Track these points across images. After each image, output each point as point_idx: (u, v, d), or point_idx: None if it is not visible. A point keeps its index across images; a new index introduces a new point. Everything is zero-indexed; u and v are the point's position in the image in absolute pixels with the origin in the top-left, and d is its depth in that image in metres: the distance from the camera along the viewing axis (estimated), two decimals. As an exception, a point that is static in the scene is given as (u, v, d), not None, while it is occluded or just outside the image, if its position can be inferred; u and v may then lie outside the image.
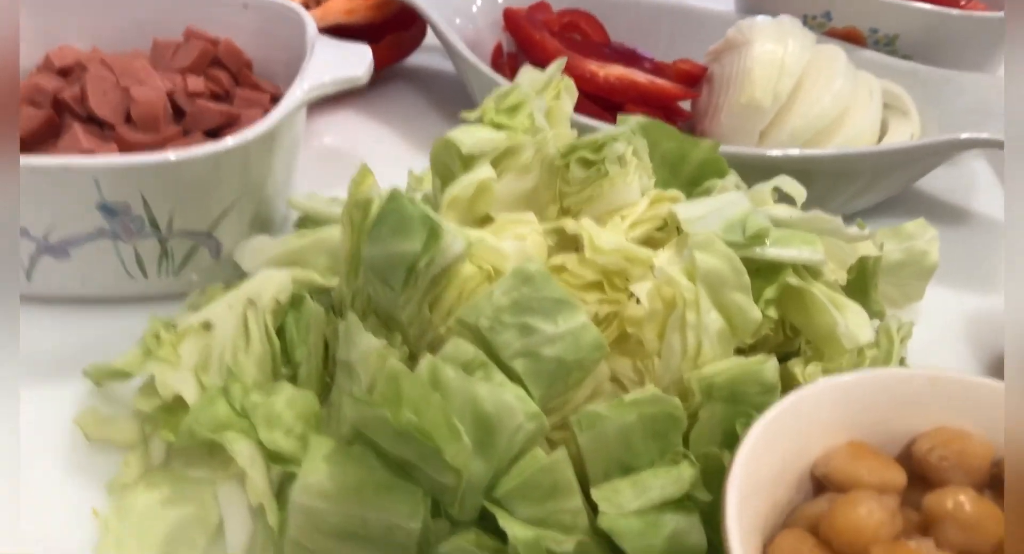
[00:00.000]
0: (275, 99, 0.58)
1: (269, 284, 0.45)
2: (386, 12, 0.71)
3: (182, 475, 0.40)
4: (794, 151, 0.58)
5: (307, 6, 0.71)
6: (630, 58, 0.68)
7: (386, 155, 0.68)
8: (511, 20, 0.70)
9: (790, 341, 0.44)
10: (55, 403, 0.45)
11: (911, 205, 0.66)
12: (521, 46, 0.68)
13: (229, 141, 0.45)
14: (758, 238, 0.40)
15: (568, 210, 0.43)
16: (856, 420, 0.34)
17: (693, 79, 0.66)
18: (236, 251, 0.49)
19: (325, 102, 0.71)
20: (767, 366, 0.37)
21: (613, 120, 0.63)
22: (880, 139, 0.63)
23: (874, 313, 0.49)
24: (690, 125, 0.67)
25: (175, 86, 0.53)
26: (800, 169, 0.58)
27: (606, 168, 0.42)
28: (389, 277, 0.36)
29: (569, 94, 0.47)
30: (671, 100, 0.64)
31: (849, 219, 0.63)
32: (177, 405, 0.40)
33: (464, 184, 0.40)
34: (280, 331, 0.44)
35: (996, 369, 0.54)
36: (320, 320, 0.41)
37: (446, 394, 0.34)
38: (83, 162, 0.43)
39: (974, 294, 0.59)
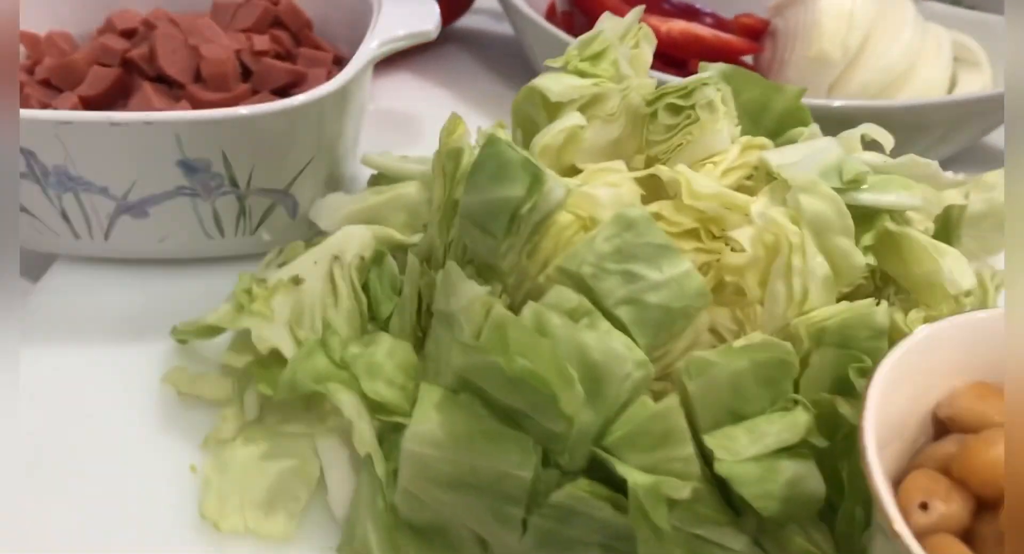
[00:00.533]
0: (337, 60, 0.58)
1: (352, 240, 0.44)
2: (439, -28, 0.70)
3: (278, 430, 0.40)
4: (867, 102, 0.57)
5: (360, -33, 0.70)
6: (691, 13, 0.67)
7: (443, 117, 0.66)
8: (567, -23, 0.69)
9: (879, 290, 0.43)
10: (139, 364, 0.44)
11: (981, 158, 0.65)
12: (579, 4, 0.67)
13: (311, 95, 0.44)
14: (856, 183, 0.40)
15: (656, 159, 0.42)
16: (977, 361, 0.33)
17: (756, 33, 0.65)
18: (312, 209, 0.49)
19: (380, 66, 0.71)
20: (878, 310, 0.36)
21: (679, 75, 0.62)
22: (950, 92, 0.62)
23: (957, 264, 0.48)
24: (753, 81, 0.66)
25: (241, 45, 0.53)
26: (873, 121, 0.57)
27: (697, 114, 0.41)
28: (490, 224, 0.35)
29: (648, 42, 0.46)
30: (736, 54, 0.63)
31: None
32: (271, 359, 0.40)
33: (555, 132, 0.40)
34: (364, 287, 0.44)
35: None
36: (415, 272, 0.40)
37: (553, 341, 0.34)
38: (165, 117, 0.42)
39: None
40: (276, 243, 0.49)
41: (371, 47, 0.49)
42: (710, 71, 0.44)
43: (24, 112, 0.41)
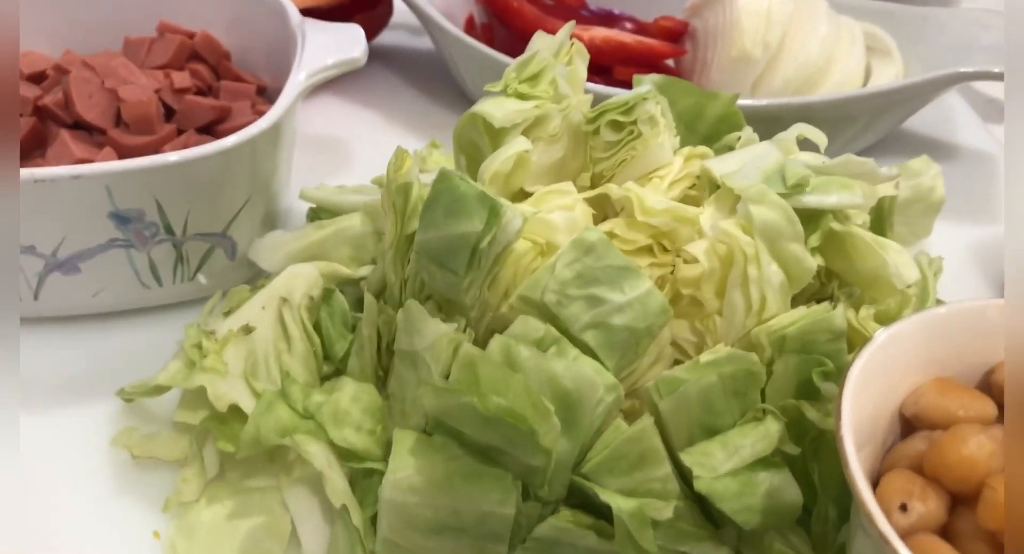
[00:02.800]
0: (260, 90, 0.56)
1: (299, 280, 0.43)
2: (353, -9, 0.69)
3: (243, 486, 0.38)
4: (792, 99, 0.58)
5: (271, -9, 0.68)
6: (609, 19, 0.67)
7: (372, 139, 0.66)
8: (485, -10, 0.68)
9: (824, 286, 0.44)
10: (86, 427, 0.42)
11: (898, 144, 0.67)
12: (498, 16, 0.67)
13: (243, 135, 0.43)
14: (799, 187, 0.40)
15: (601, 176, 0.43)
16: (936, 357, 0.34)
17: (676, 36, 0.66)
18: (252, 249, 0.47)
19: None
20: (835, 313, 0.37)
21: (605, 83, 0.62)
22: (865, 82, 0.64)
23: (891, 252, 0.49)
24: (677, 83, 0.67)
25: (160, 84, 0.51)
26: (798, 117, 0.58)
27: (639, 129, 0.41)
28: (449, 261, 0.35)
29: (581, 58, 0.46)
30: (660, 58, 0.63)
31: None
32: (228, 414, 0.38)
33: (503, 158, 0.39)
34: (315, 327, 0.43)
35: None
36: (372, 311, 0.39)
37: (524, 374, 0.34)
38: (92, 169, 0.40)
39: (975, 225, 0.60)
40: (216, 287, 0.48)
41: (300, 79, 0.47)
42: (646, 84, 0.45)
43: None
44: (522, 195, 0.42)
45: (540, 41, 0.45)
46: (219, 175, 0.44)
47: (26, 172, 0.39)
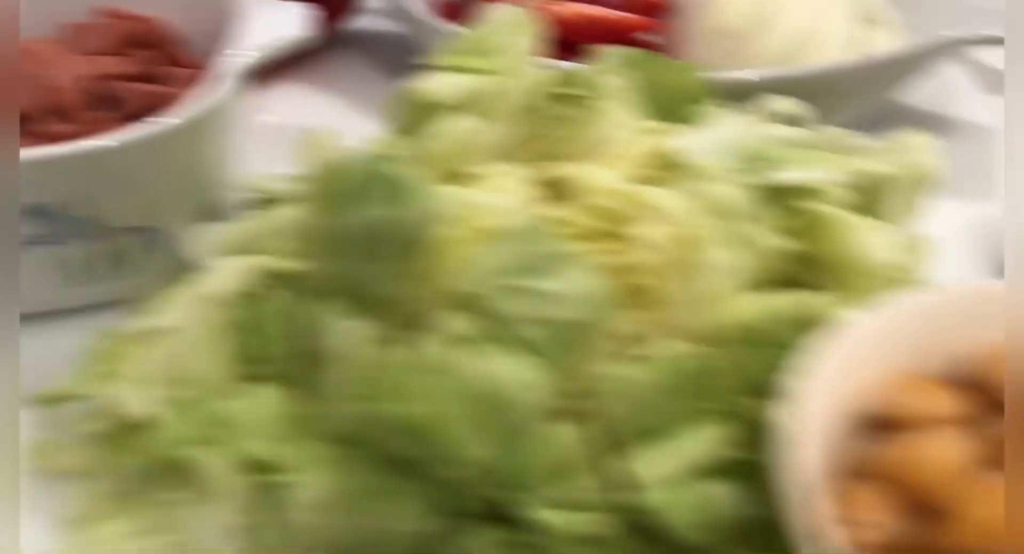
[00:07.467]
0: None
1: (227, 276, 0.40)
2: (322, -27, 0.65)
3: (151, 500, 0.35)
4: (776, 71, 0.54)
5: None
6: (588, -5, 0.63)
7: (336, 128, 0.62)
8: (457, -34, 0.65)
9: (802, 273, 0.40)
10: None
11: (891, 117, 0.62)
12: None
13: (165, 121, 0.39)
14: (767, 161, 0.37)
15: (548, 154, 0.39)
16: (899, 348, 0.30)
17: (659, 9, 0.62)
18: (186, 242, 0.44)
19: (266, 76, 0.66)
20: (797, 303, 0.33)
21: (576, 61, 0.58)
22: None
23: (882, 230, 0.45)
24: (661, 59, 0.63)
25: (95, 69, 0.48)
26: (781, 91, 0.54)
27: (588, 103, 0.38)
28: (376, 249, 0.31)
29: (538, 29, 0.43)
30: (632, 31, 0.59)
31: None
32: (138, 423, 0.35)
33: (439, 137, 0.36)
34: (244, 326, 0.40)
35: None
36: (289, 309, 0.36)
37: (450, 377, 0.30)
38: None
39: (971, 202, 0.55)
40: (145, 284, 0.45)
41: (230, 59, 0.44)
42: (611, 56, 0.41)
43: None
44: (462, 178, 0.38)
45: (494, 12, 0.41)
46: (142, 166, 0.40)
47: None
